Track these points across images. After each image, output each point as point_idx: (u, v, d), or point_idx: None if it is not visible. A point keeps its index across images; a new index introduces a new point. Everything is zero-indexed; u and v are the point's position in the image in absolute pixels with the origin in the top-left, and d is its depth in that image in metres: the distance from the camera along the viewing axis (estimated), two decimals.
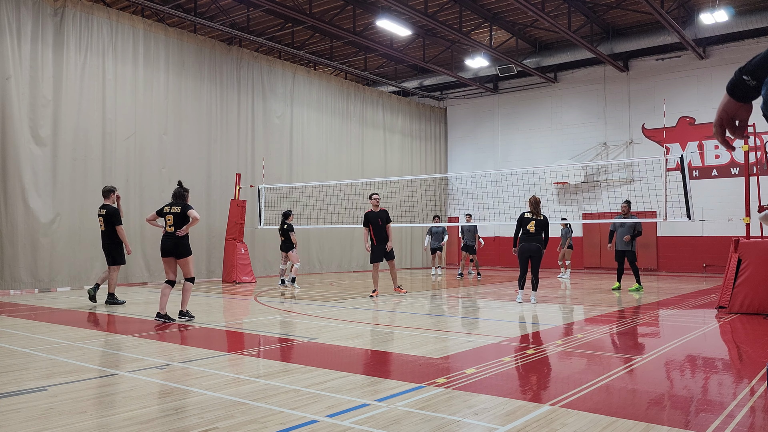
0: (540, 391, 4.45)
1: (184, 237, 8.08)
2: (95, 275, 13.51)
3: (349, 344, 6.35)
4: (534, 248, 9.97)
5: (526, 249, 10.03)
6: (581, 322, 8.22)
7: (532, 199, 10.18)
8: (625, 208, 12.62)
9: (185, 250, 8.07)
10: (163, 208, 8.22)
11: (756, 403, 4.10)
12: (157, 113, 15.02)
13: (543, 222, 10.03)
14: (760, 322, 7.83)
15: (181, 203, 8.11)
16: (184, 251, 8.06)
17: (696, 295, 11.71)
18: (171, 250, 8.06)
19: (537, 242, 9.96)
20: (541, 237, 9.98)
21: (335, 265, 19.89)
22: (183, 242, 8.06)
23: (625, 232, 12.31)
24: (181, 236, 8.02)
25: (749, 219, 9.33)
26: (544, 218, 10.06)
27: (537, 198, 10.20)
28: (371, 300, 10.83)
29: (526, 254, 10.05)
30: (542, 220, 10.03)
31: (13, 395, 4.28)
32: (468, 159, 23.81)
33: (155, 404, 4.07)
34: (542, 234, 10.00)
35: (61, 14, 13.31)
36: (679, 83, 19.22)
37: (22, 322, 7.93)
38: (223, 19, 16.17)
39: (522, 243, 10.08)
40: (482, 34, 18.48)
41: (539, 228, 9.99)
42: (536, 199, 10.16)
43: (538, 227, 9.98)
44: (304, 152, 19.00)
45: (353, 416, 3.75)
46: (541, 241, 9.97)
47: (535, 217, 10.03)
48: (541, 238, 9.98)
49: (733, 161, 18.20)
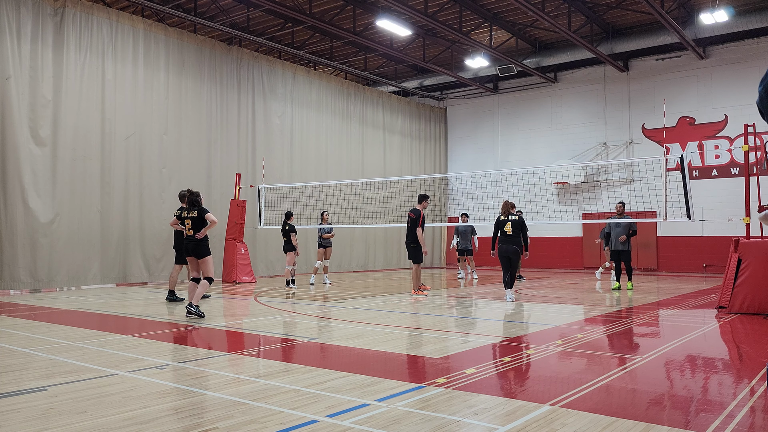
0: (540, 391, 4.45)
1: (204, 239, 8.53)
2: (94, 275, 13.53)
3: (349, 344, 6.35)
4: (511, 250, 10.23)
5: (503, 251, 10.29)
6: (581, 322, 8.22)
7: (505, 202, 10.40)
8: (619, 209, 12.70)
9: (204, 251, 8.55)
10: (181, 214, 8.76)
11: (756, 403, 4.10)
12: (157, 113, 15.01)
13: (518, 222, 10.20)
14: (760, 322, 7.83)
15: (198, 208, 8.59)
16: (203, 252, 8.54)
17: (696, 295, 11.71)
18: (192, 251, 8.57)
19: (514, 244, 10.20)
20: (519, 239, 10.16)
21: (335, 265, 19.88)
22: (203, 244, 8.54)
23: (620, 232, 12.37)
24: (200, 239, 8.48)
25: (749, 219, 9.33)
26: (519, 218, 10.20)
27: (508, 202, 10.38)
28: (372, 300, 10.84)
29: (505, 255, 10.29)
30: (517, 220, 10.19)
31: (13, 395, 4.27)
32: (468, 159, 23.80)
33: (155, 404, 4.07)
34: (519, 235, 10.22)
35: (61, 14, 13.30)
36: (679, 83, 19.22)
37: (22, 322, 7.93)
38: (223, 19, 16.16)
39: (500, 245, 10.33)
40: (482, 34, 18.48)
41: (515, 229, 10.18)
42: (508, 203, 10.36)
43: (514, 228, 10.17)
44: (304, 152, 19.00)
45: (353, 416, 3.75)
46: (518, 243, 10.18)
47: (510, 218, 10.18)
48: (518, 240, 10.18)
49: (733, 161, 18.20)
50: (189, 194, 8.69)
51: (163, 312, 9.16)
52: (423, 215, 11.48)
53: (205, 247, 8.54)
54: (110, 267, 13.90)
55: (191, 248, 8.54)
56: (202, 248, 8.51)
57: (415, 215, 11.43)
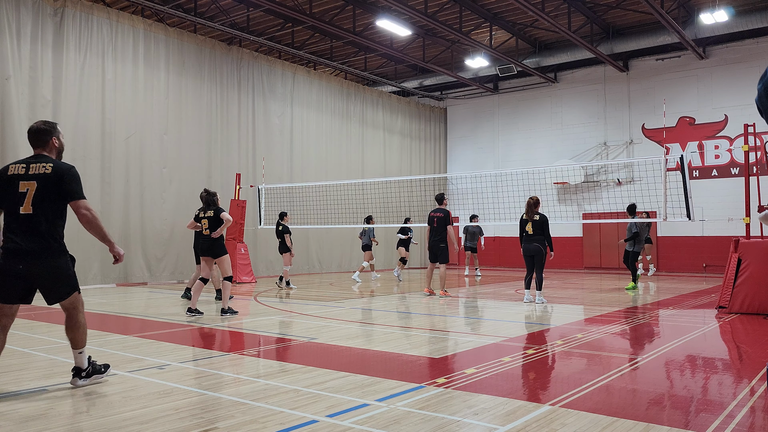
0: (540, 391, 4.45)
1: (219, 238, 8.59)
2: (94, 275, 13.53)
3: (349, 344, 6.35)
4: (534, 249, 10.13)
5: (526, 250, 10.25)
6: (581, 322, 8.22)
7: (528, 200, 10.26)
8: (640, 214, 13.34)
9: (220, 251, 8.58)
10: (198, 214, 8.80)
11: (756, 403, 4.10)
12: (157, 113, 15.02)
13: (539, 222, 10.13)
14: (760, 322, 7.83)
15: (214, 207, 8.69)
16: (219, 251, 8.58)
17: (696, 295, 11.70)
18: (207, 250, 8.62)
19: (536, 242, 10.10)
20: (541, 237, 10.09)
21: (335, 265, 19.89)
22: (218, 243, 8.59)
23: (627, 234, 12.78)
24: (216, 238, 8.54)
25: (749, 219, 9.32)
26: (540, 218, 10.15)
27: (532, 200, 10.24)
28: (374, 300, 10.83)
29: (528, 255, 10.24)
30: (538, 220, 10.13)
31: (13, 395, 4.27)
32: (468, 159, 23.80)
33: (155, 404, 4.07)
34: (541, 234, 10.10)
35: (61, 14, 13.30)
36: (679, 83, 19.21)
37: (22, 322, 7.92)
38: (223, 19, 16.16)
39: (523, 244, 10.30)
40: (482, 34, 18.48)
41: (537, 229, 10.10)
42: (531, 201, 10.22)
43: (536, 228, 10.09)
44: (304, 152, 19.00)
45: (353, 416, 3.75)
46: (540, 242, 10.08)
47: (531, 218, 10.12)
48: (540, 238, 10.09)
49: (733, 161, 18.21)
50: (206, 194, 8.83)
51: (164, 312, 9.16)
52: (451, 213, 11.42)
53: (221, 246, 8.60)
54: (111, 267, 13.88)
55: (206, 247, 8.60)
56: (218, 247, 8.56)
57: (444, 214, 11.20)
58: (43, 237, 4.24)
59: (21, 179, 4.26)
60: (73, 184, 4.32)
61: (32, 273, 4.25)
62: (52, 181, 4.25)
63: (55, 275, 4.32)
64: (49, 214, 4.27)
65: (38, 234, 4.23)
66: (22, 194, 4.24)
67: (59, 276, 4.34)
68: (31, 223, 4.23)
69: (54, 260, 4.30)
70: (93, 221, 4.38)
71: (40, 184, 4.24)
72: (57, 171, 4.28)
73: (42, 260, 4.25)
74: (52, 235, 4.29)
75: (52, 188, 4.25)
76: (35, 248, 4.22)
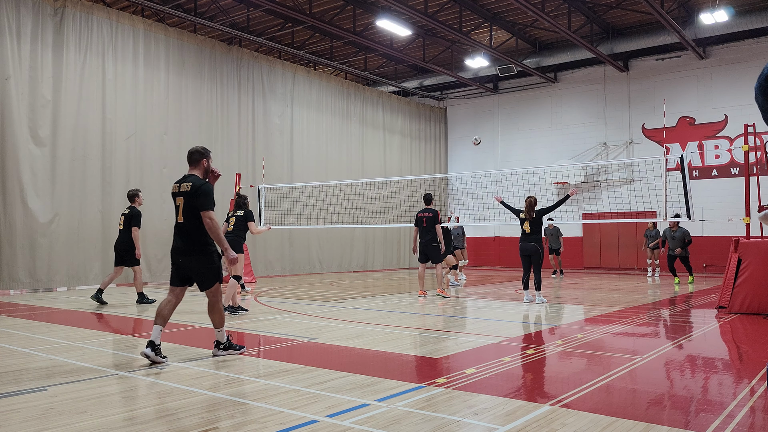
0: (540, 391, 4.45)
1: (236, 239, 8.81)
2: (93, 275, 13.52)
3: (349, 344, 6.35)
4: (530, 248, 10.09)
5: (523, 249, 10.21)
6: (581, 322, 8.22)
7: (528, 200, 10.21)
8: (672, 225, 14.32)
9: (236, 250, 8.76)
10: (228, 216, 9.19)
11: (756, 403, 4.10)
12: (157, 113, 15.01)
13: (537, 221, 10.08)
14: (760, 322, 7.83)
15: (245, 209, 9.06)
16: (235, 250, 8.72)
17: (696, 295, 11.71)
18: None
19: (533, 242, 10.06)
20: (538, 236, 10.05)
21: (335, 265, 19.89)
22: (236, 243, 8.77)
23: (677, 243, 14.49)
24: (234, 238, 8.77)
25: (749, 219, 9.32)
26: (538, 217, 10.10)
27: (532, 199, 10.20)
28: (372, 300, 10.83)
29: (525, 254, 10.19)
30: (536, 219, 10.09)
31: (13, 395, 4.27)
32: (468, 159, 23.80)
33: (155, 404, 4.07)
34: (539, 234, 10.08)
35: (61, 14, 13.30)
36: (679, 83, 19.21)
37: (21, 322, 7.93)
38: (223, 19, 16.16)
39: (520, 243, 10.26)
40: (482, 34, 18.48)
41: (534, 228, 10.05)
42: (531, 201, 10.18)
43: (533, 227, 10.05)
44: (304, 152, 18.99)
45: (353, 416, 3.75)
46: (537, 241, 10.05)
47: (529, 218, 10.09)
48: (537, 237, 10.05)
49: (733, 161, 18.21)
50: (237, 197, 9.33)
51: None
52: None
53: (238, 246, 8.79)
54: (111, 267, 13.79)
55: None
56: (235, 247, 8.69)
57: (433, 213, 11.29)
58: (192, 240, 5.43)
59: (176, 195, 5.51)
60: (202, 198, 5.38)
61: (186, 266, 5.49)
62: (191, 197, 5.40)
63: (202, 269, 5.49)
64: (195, 222, 5.40)
65: (189, 237, 5.43)
66: (178, 207, 5.50)
67: (205, 270, 5.51)
68: (184, 229, 5.46)
69: (200, 257, 5.46)
70: (212, 228, 5.39)
71: (185, 199, 5.43)
72: (194, 188, 5.41)
73: (192, 257, 5.45)
74: (199, 238, 5.43)
75: (191, 202, 5.39)
76: (187, 248, 5.44)
